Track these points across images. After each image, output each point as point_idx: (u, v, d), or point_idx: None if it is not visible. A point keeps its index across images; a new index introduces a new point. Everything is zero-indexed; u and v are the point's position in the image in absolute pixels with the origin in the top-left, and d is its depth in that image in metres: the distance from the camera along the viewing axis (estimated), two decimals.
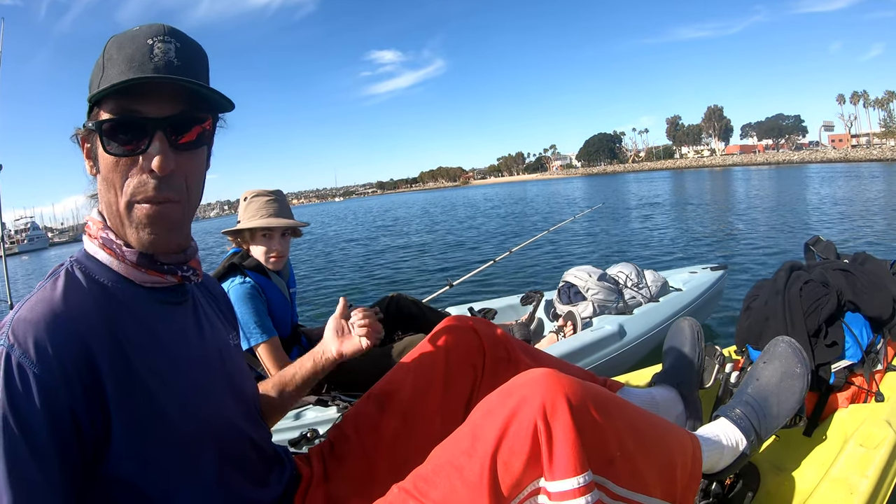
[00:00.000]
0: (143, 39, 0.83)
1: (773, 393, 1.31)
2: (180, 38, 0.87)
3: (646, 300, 3.41)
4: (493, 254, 6.28)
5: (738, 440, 1.24)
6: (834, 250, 1.97)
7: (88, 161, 0.90)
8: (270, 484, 1.06)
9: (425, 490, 0.87)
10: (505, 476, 0.84)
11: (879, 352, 1.65)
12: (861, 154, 72.88)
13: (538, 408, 0.85)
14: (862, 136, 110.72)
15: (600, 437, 0.89)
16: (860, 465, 1.29)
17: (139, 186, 0.85)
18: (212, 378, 0.97)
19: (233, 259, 2.25)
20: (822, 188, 23.24)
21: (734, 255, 8.65)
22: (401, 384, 1.25)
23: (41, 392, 0.71)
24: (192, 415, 0.89)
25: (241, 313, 2.11)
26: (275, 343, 2.15)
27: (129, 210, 0.86)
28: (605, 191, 37.82)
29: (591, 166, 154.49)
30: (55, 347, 0.73)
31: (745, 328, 1.75)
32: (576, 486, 0.82)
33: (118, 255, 0.88)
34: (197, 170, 0.92)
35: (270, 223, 2.22)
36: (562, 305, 3.40)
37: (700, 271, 4.02)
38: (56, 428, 0.71)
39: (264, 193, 2.29)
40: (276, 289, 2.30)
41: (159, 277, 0.92)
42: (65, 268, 0.87)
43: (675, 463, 1.02)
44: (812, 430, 1.52)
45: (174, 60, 0.84)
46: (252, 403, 1.10)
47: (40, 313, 0.76)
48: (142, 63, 0.82)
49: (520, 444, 0.84)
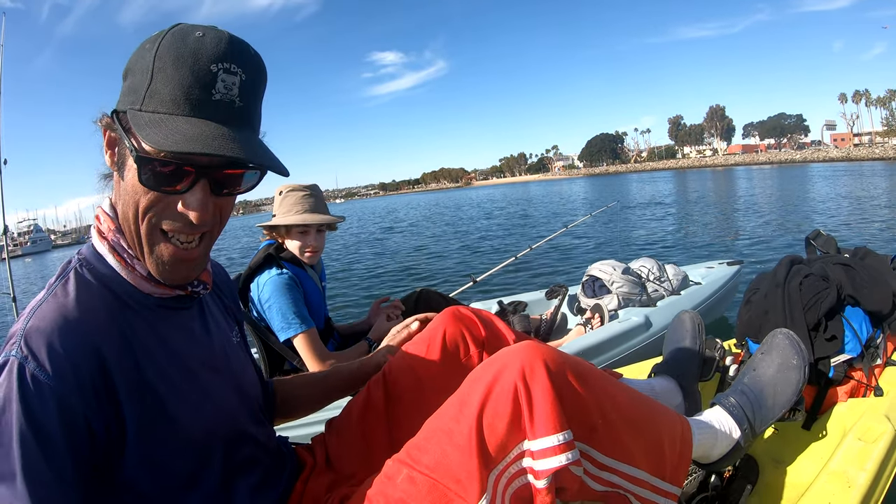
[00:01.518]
0: (205, 63, 0.74)
1: (768, 384, 1.31)
2: (247, 63, 0.79)
3: (668, 293, 3.48)
4: (513, 251, 6.39)
5: (732, 428, 1.24)
6: (834, 245, 1.97)
7: (109, 151, 0.84)
8: (271, 482, 1.07)
9: (417, 457, 0.89)
10: (491, 438, 0.86)
11: (879, 346, 1.65)
12: (863, 153, 72.84)
13: (518, 371, 0.87)
14: (864, 135, 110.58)
15: (580, 402, 0.91)
16: (859, 458, 1.30)
17: (167, 218, 0.81)
18: (219, 380, 0.97)
19: (269, 250, 2.23)
20: (826, 186, 23.32)
21: (744, 251, 8.77)
22: (401, 371, 1.26)
23: (57, 404, 0.70)
24: (202, 418, 0.90)
25: (279, 304, 2.10)
26: (313, 334, 2.13)
27: (152, 239, 0.83)
28: (611, 191, 37.89)
29: (594, 167, 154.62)
30: (69, 358, 0.72)
31: (744, 321, 1.76)
32: (556, 443, 0.84)
33: (128, 265, 0.86)
34: (232, 203, 0.89)
35: (306, 220, 2.21)
36: (587, 299, 3.46)
37: (716, 266, 4.08)
38: (73, 439, 0.71)
39: (300, 188, 2.26)
40: (312, 281, 2.30)
41: (168, 291, 0.90)
42: (73, 268, 0.85)
43: (663, 439, 1.03)
44: (811, 423, 1.52)
45: (236, 100, 0.77)
46: (256, 401, 1.10)
47: (53, 322, 0.74)
48: (200, 100, 0.74)
49: (502, 406, 0.86)
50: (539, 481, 0.86)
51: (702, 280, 3.77)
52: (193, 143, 0.71)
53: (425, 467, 0.87)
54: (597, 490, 0.96)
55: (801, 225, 11.37)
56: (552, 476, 0.86)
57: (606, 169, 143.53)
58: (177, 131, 0.72)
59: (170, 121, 0.73)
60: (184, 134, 0.72)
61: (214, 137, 0.73)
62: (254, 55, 0.80)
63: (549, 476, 0.85)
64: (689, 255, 8.90)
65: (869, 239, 8.99)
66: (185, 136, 0.72)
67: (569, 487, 0.92)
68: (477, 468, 0.84)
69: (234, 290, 1.22)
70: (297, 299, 2.14)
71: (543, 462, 0.85)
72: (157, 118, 0.74)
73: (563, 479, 0.89)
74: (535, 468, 0.86)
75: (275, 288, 2.11)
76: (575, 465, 0.87)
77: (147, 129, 0.73)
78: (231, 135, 0.75)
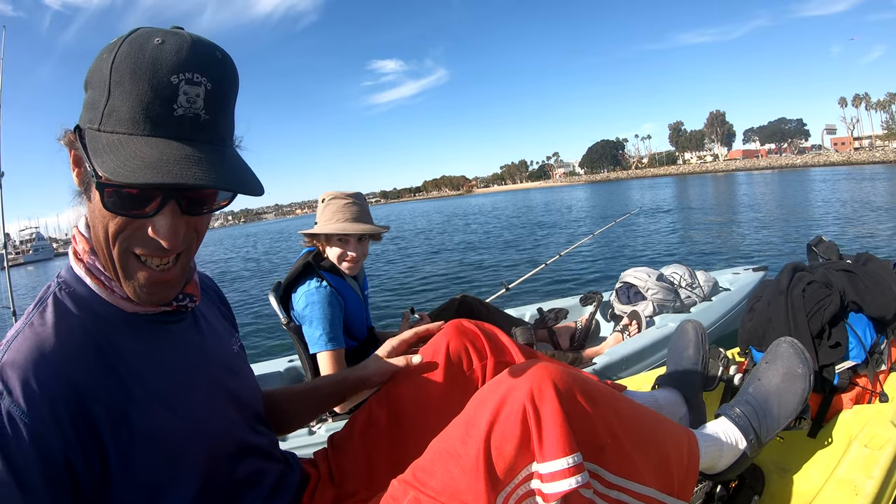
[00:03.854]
0: (165, 74, 0.68)
1: (773, 393, 1.30)
2: (211, 69, 0.72)
3: (700, 299, 3.51)
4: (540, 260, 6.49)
5: (738, 439, 1.23)
6: (836, 251, 1.97)
7: (77, 170, 0.79)
8: (280, 492, 1.06)
9: (424, 479, 0.87)
10: (499, 460, 0.84)
11: (883, 352, 1.64)
12: (864, 156, 72.83)
13: (526, 392, 0.86)
14: (864, 139, 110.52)
15: (588, 422, 0.90)
16: (865, 466, 1.29)
17: (137, 242, 0.77)
18: (216, 392, 0.96)
19: (308, 258, 2.22)
20: (828, 191, 23.45)
21: (760, 256, 8.87)
22: (404, 386, 1.25)
23: (33, 441, 0.67)
24: (200, 434, 0.88)
25: (313, 318, 2.09)
26: (339, 355, 2.11)
27: (125, 263, 0.79)
28: (615, 197, 37.82)
29: (595, 173, 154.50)
30: (45, 393, 0.69)
31: (748, 330, 1.75)
32: (565, 466, 0.83)
33: (106, 286, 0.83)
34: (206, 222, 0.85)
35: (346, 229, 2.17)
36: (621, 305, 3.47)
37: (742, 272, 4.11)
38: (50, 476, 0.68)
39: (342, 196, 2.23)
40: (352, 290, 2.28)
41: (152, 308, 0.87)
42: (52, 293, 0.81)
43: (670, 455, 1.03)
44: (816, 431, 1.51)
45: (201, 113, 0.71)
46: (257, 412, 1.09)
47: (28, 355, 0.71)
48: (161, 117, 0.69)
49: (511, 427, 0.85)
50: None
51: (730, 286, 3.79)
52: (152, 172, 0.66)
53: (432, 490, 0.86)
54: None
55: (811, 228, 11.56)
56: (561, 500, 0.84)
57: (607, 175, 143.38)
58: (135, 157, 0.67)
59: (129, 143, 0.68)
60: (142, 160, 0.66)
61: (176, 161, 0.67)
62: (220, 60, 0.74)
63: (558, 500, 0.84)
64: (706, 261, 8.99)
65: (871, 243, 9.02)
66: (144, 163, 0.66)
67: None
68: (484, 491, 0.83)
69: (228, 303, 1.20)
70: (333, 316, 2.12)
71: (552, 485, 0.84)
72: (115, 140, 0.68)
73: (572, 501, 0.87)
74: (543, 491, 0.85)
75: (311, 301, 2.10)
76: (585, 488, 0.86)
77: (104, 156, 0.68)
78: (196, 156, 0.69)
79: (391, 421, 1.22)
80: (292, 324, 2.21)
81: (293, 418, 1.29)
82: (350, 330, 2.26)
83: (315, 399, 1.31)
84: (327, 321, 2.09)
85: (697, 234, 13.01)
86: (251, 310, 9.10)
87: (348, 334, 2.25)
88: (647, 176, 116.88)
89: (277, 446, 1.14)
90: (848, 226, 11.54)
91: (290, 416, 1.28)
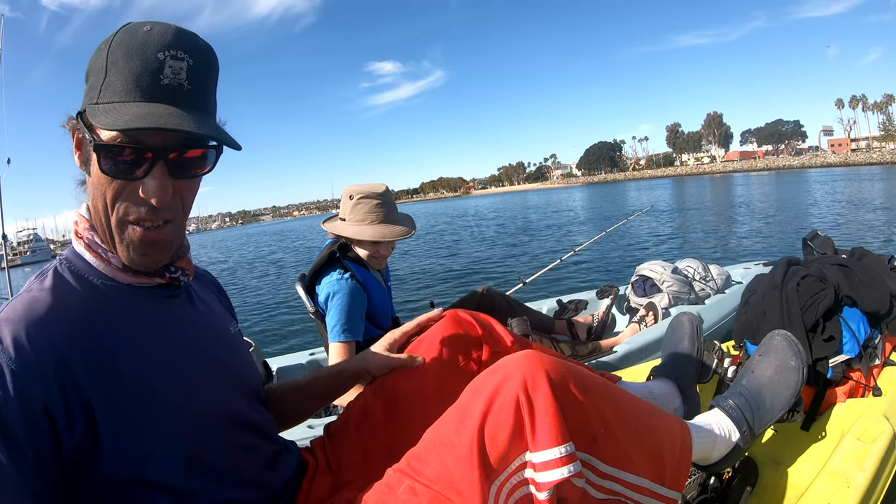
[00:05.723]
0: (153, 52, 0.79)
1: (766, 385, 1.31)
2: (193, 50, 0.83)
3: (714, 292, 3.56)
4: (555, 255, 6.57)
5: (731, 430, 1.24)
6: (832, 245, 1.98)
7: (78, 152, 0.88)
8: (280, 467, 1.07)
9: (419, 468, 0.89)
10: (492, 450, 0.85)
11: (877, 347, 1.65)
12: (861, 158, 73.14)
13: (520, 382, 0.87)
14: (861, 140, 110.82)
15: (581, 412, 0.90)
16: (857, 459, 1.30)
17: (133, 208, 0.84)
18: (211, 366, 0.97)
19: (333, 248, 2.22)
20: (826, 191, 23.56)
21: (766, 252, 8.97)
22: (399, 376, 1.26)
23: (15, 386, 0.71)
24: (192, 404, 0.89)
25: (333, 308, 2.10)
26: (350, 348, 2.10)
27: (121, 228, 0.85)
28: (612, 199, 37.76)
29: (592, 175, 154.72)
30: (33, 345, 0.74)
31: (742, 323, 1.76)
32: (558, 455, 0.84)
33: (103, 258, 0.88)
34: (194, 189, 0.91)
35: (384, 235, 2.18)
36: (637, 298, 3.52)
37: (753, 267, 4.20)
38: (30, 422, 0.71)
39: (372, 196, 2.22)
40: (376, 281, 2.29)
41: (147, 280, 0.92)
42: (53, 267, 0.87)
43: (663, 445, 1.03)
44: (810, 424, 1.52)
45: (185, 83, 0.81)
46: (253, 389, 1.10)
47: (21, 312, 0.77)
48: (150, 85, 0.79)
49: (504, 417, 0.85)
50: (541, 493, 0.86)
51: (742, 279, 3.85)
52: (142, 121, 0.76)
53: (427, 479, 0.87)
54: (597, 498, 0.95)
55: (812, 225, 11.58)
56: (554, 488, 0.85)
57: (605, 177, 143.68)
58: (127, 113, 0.77)
59: (122, 107, 0.78)
60: (134, 114, 0.77)
61: (163, 115, 0.77)
62: (202, 44, 0.85)
63: (550, 489, 0.85)
64: (715, 257, 9.02)
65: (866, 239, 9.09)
66: (135, 116, 0.76)
67: (570, 498, 0.91)
68: (478, 480, 0.83)
69: (226, 295, 1.24)
70: (353, 308, 2.12)
71: (545, 474, 0.85)
72: (111, 107, 0.78)
73: (565, 490, 0.88)
74: (536, 480, 0.86)
75: (333, 291, 2.11)
76: (577, 477, 0.86)
77: (101, 117, 0.78)
78: (180, 113, 0.79)
79: (386, 411, 1.22)
80: (318, 311, 2.23)
81: (293, 412, 1.30)
82: (375, 320, 2.27)
83: (314, 390, 1.31)
84: (346, 312, 2.09)
85: (704, 233, 13.14)
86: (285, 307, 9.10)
87: (373, 323, 2.25)
88: (645, 177, 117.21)
89: (274, 429, 1.15)
90: (845, 222, 11.70)
91: (291, 409, 1.29)
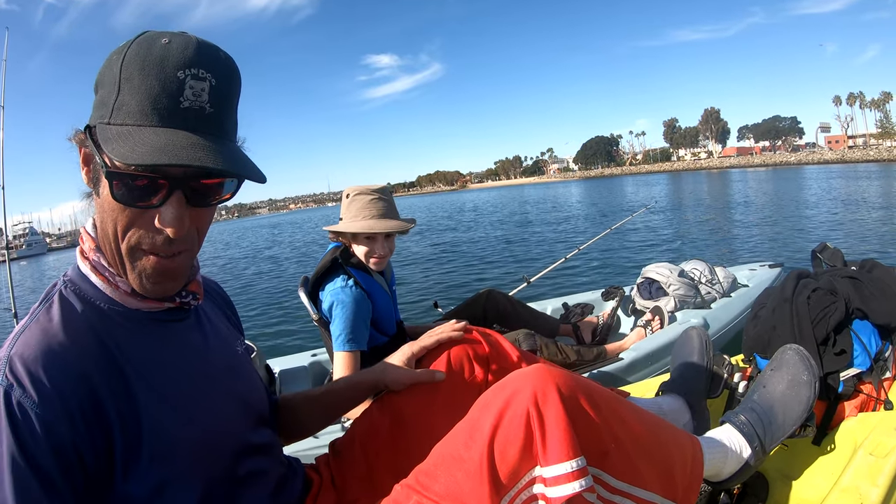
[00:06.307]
0: (172, 70, 0.72)
1: (778, 401, 1.30)
2: (216, 66, 0.77)
3: (720, 295, 3.51)
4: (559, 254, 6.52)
5: (742, 446, 1.23)
6: (841, 257, 1.97)
7: (86, 168, 0.82)
8: (284, 492, 1.06)
9: (427, 484, 0.88)
10: (502, 465, 0.85)
11: (888, 359, 1.64)
12: (858, 155, 73.33)
13: (530, 397, 0.86)
14: (858, 137, 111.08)
15: (592, 427, 0.90)
16: (870, 473, 1.29)
17: (147, 238, 0.80)
18: (220, 391, 0.96)
19: (335, 254, 2.19)
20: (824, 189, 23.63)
21: (770, 252, 8.99)
22: (406, 393, 1.25)
23: (45, 430, 0.69)
24: (203, 431, 0.88)
25: (338, 317, 2.06)
26: (354, 357, 2.06)
27: (133, 256, 0.81)
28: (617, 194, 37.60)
29: (589, 169, 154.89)
30: (54, 384, 0.71)
31: (752, 337, 1.74)
32: (569, 470, 0.83)
33: (110, 282, 0.85)
34: (209, 217, 0.88)
35: (373, 227, 2.13)
36: (643, 300, 3.47)
37: (759, 269, 4.13)
38: (63, 464, 0.70)
39: (367, 192, 2.19)
40: (379, 287, 2.24)
41: (156, 305, 0.89)
42: (58, 290, 0.84)
43: (674, 460, 1.03)
44: (821, 439, 1.50)
45: (206, 106, 0.75)
46: (261, 413, 1.08)
47: (36, 348, 0.73)
48: (168, 109, 0.73)
49: (514, 432, 0.85)
50: None
51: (748, 282, 3.82)
52: (161, 155, 0.69)
53: (436, 494, 0.86)
54: None
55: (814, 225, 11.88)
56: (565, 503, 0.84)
57: (601, 171, 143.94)
58: (144, 143, 0.70)
59: (137, 133, 0.71)
60: (151, 145, 0.70)
61: (183, 147, 0.71)
62: (224, 59, 0.79)
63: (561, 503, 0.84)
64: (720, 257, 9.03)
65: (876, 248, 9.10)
66: (153, 148, 0.70)
67: None
68: (488, 495, 0.83)
69: (232, 305, 1.21)
70: (358, 317, 2.08)
71: (556, 489, 0.84)
72: (124, 131, 0.72)
73: None
74: (547, 495, 0.85)
75: (336, 300, 2.08)
76: (588, 492, 0.85)
77: (114, 143, 0.71)
78: (202, 143, 0.73)
79: (393, 428, 1.21)
80: (322, 319, 2.19)
81: (306, 423, 1.29)
82: (379, 326, 2.24)
83: (328, 402, 1.30)
84: (350, 322, 2.05)
85: (706, 231, 13.11)
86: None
87: (378, 330, 2.23)
88: (642, 172, 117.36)
89: (280, 449, 1.14)
90: (851, 225, 11.65)
91: (304, 421, 1.28)
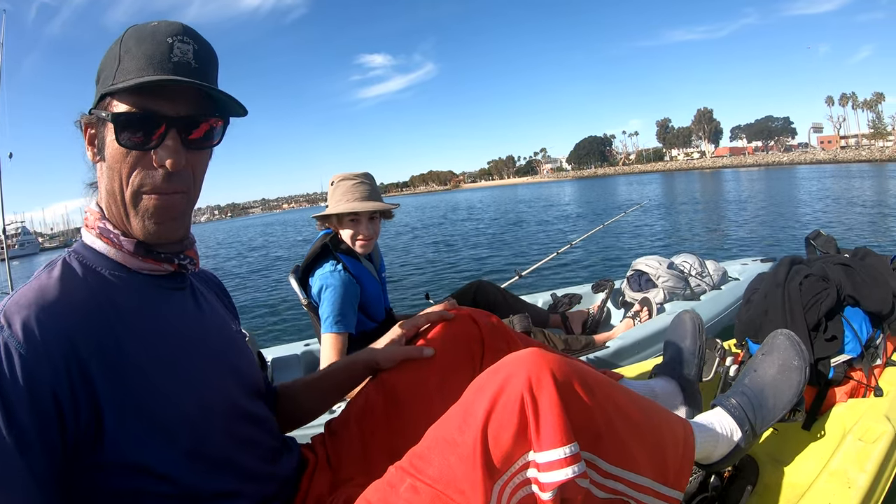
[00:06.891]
0: (163, 37, 0.86)
1: (769, 385, 1.31)
2: (198, 39, 0.91)
3: (709, 288, 3.55)
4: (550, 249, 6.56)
5: (733, 430, 1.24)
6: (834, 245, 1.98)
7: (91, 148, 0.93)
8: (280, 461, 1.08)
9: (421, 467, 0.88)
10: (496, 449, 0.85)
11: (879, 347, 1.65)
12: (850, 155, 73.72)
13: (524, 382, 0.86)
14: (851, 138, 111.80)
15: (586, 411, 0.90)
16: (858, 459, 1.30)
17: (148, 178, 0.89)
18: (213, 359, 0.99)
19: (325, 241, 2.24)
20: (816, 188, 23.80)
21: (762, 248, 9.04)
22: (400, 373, 1.25)
23: (23, 369, 0.72)
24: (195, 396, 0.90)
25: (326, 300, 2.11)
26: (343, 339, 2.10)
27: (136, 200, 0.89)
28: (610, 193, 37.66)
29: (582, 169, 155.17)
30: (41, 331, 0.75)
31: (744, 321, 1.75)
32: (562, 455, 0.83)
33: (115, 244, 0.91)
34: (203, 163, 0.97)
35: (355, 207, 2.18)
36: (632, 293, 3.51)
37: (751, 263, 4.17)
38: (36, 405, 0.73)
39: (351, 176, 2.25)
40: (368, 273, 2.29)
41: (156, 265, 0.95)
42: (62, 258, 0.90)
43: (666, 444, 1.03)
44: (811, 424, 1.52)
45: (192, 62, 0.88)
46: (255, 386, 1.10)
47: (31, 299, 0.78)
48: (162, 62, 0.85)
49: (508, 416, 0.85)
50: (544, 493, 0.85)
51: (738, 276, 3.85)
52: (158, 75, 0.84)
53: (429, 478, 0.86)
54: (600, 498, 0.95)
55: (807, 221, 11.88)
56: (558, 489, 0.84)
57: (595, 171, 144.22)
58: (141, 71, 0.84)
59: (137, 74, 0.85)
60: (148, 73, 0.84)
61: (175, 74, 0.85)
62: (204, 39, 0.93)
63: (554, 489, 0.84)
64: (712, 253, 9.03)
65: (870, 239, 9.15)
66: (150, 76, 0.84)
67: (573, 497, 0.90)
68: (481, 479, 0.83)
69: (228, 294, 1.25)
70: (346, 299, 2.13)
71: (549, 475, 0.84)
72: (128, 79, 0.85)
73: (568, 490, 0.87)
74: (540, 480, 0.85)
75: (325, 284, 2.12)
76: (581, 478, 0.86)
77: (119, 85, 0.84)
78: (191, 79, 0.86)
79: (388, 408, 1.22)
80: (311, 304, 2.23)
81: (308, 409, 1.32)
82: (368, 311, 2.27)
83: (326, 385, 1.32)
84: (338, 304, 2.10)
85: (699, 228, 13.21)
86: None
87: (367, 315, 2.26)
88: (635, 172, 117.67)
89: (276, 426, 1.16)
90: (844, 221, 11.72)
91: (305, 407, 1.31)
